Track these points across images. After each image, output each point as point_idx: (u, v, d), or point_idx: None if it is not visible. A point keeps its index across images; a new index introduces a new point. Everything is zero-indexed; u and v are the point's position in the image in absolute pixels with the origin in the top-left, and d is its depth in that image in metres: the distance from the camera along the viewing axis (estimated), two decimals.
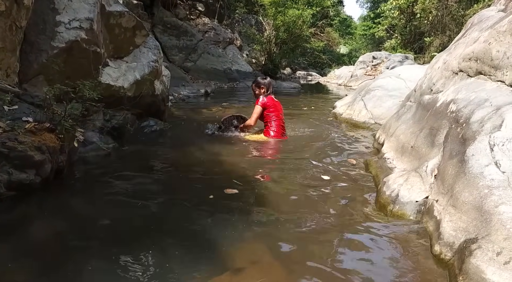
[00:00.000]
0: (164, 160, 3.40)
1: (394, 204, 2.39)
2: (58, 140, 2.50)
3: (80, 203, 2.33)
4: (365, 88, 6.24)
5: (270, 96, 4.60)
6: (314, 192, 2.73)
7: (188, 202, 2.42)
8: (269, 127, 4.47)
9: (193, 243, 1.88)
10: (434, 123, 2.85)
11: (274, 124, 4.47)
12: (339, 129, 5.20)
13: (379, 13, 30.63)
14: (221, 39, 13.68)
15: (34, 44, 3.26)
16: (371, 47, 35.02)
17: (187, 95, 8.37)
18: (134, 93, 4.24)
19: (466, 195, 1.94)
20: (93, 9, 3.50)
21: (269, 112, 4.52)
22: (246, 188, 2.73)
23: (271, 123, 4.48)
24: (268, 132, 4.46)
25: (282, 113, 4.62)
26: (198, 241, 1.90)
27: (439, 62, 3.78)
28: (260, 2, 15.55)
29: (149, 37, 4.48)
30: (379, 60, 16.98)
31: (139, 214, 2.20)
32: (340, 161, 3.58)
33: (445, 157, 2.37)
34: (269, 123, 4.49)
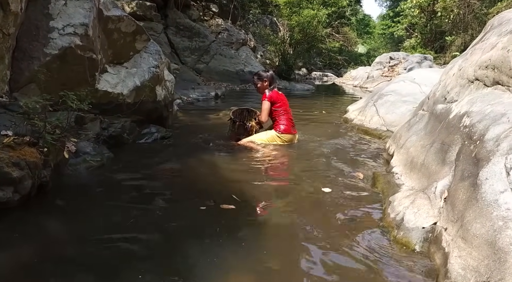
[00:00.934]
0: (160, 172, 3.25)
1: (399, 229, 2.18)
2: (40, 154, 2.36)
3: (58, 224, 2.19)
4: (378, 92, 5.98)
5: (274, 90, 4.51)
6: (312, 210, 2.53)
7: (178, 221, 2.26)
8: (278, 122, 4.40)
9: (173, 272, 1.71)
10: (446, 137, 2.62)
11: (283, 118, 4.42)
12: (349, 137, 4.96)
13: (398, 12, 30.16)
14: (234, 40, 13.53)
15: (26, 51, 3.15)
16: (390, 47, 34.51)
17: (196, 99, 8.24)
18: (134, 99, 4.11)
19: (477, 227, 1.71)
20: (88, 14, 3.37)
21: (276, 107, 4.45)
22: (243, 203, 2.56)
23: (280, 117, 4.42)
24: (278, 127, 4.38)
25: (288, 106, 4.59)
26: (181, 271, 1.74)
27: (454, 68, 3.52)
28: (274, 2, 15.34)
29: (150, 42, 4.35)
30: (396, 61, 16.54)
31: (122, 236, 2.04)
32: (346, 173, 3.37)
33: (456, 178, 2.14)
34: (278, 118, 4.43)
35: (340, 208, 2.59)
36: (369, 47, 40.00)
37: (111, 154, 3.44)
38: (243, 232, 2.19)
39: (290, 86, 13.45)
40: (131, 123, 4.06)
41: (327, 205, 2.64)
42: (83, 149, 3.21)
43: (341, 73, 23.03)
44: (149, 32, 11.65)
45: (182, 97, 7.63)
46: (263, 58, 15.55)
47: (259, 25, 16.45)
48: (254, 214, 2.46)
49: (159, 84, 4.46)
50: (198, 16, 13.76)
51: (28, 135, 2.32)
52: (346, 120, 6.11)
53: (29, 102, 2.20)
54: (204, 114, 6.32)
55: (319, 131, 5.28)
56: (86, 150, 3.23)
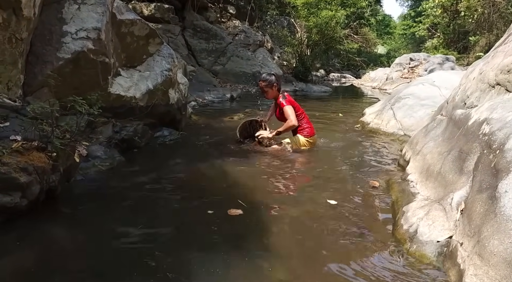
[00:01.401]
0: (169, 176, 3.23)
1: (412, 242, 2.08)
2: (49, 159, 2.36)
3: (64, 230, 2.19)
4: (395, 95, 5.83)
5: (286, 94, 4.40)
6: (320, 219, 2.45)
7: (184, 228, 2.23)
8: (302, 126, 4.30)
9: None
10: (464, 145, 2.50)
11: (304, 121, 4.33)
12: (364, 141, 4.85)
13: (420, 12, 29.67)
14: (251, 42, 13.48)
15: (40, 56, 3.18)
16: (411, 47, 33.96)
17: (212, 100, 8.24)
18: (146, 103, 4.12)
19: (495, 243, 1.61)
20: (101, 18, 3.38)
21: (296, 111, 4.30)
22: (250, 210, 2.50)
23: (302, 122, 4.32)
24: (304, 131, 4.29)
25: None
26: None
27: (475, 71, 3.39)
28: (292, 3, 15.24)
29: (163, 45, 4.34)
30: (417, 62, 16.21)
31: (127, 243, 2.02)
32: (359, 181, 3.27)
33: (474, 189, 2.04)
34: (300, 123, 4.30)
35: (351, 218, 2.51)
36: (390, 48, 39.45)
37: (122, 157, 3.44)
38: (247, 242, 2.12)
39: (307, 88, 13.34)
40: (143, 127, 4.06)
41: (336, 214, 2.56)
42: (94, 153, 3.21)
43: (359, 74, 22.73)
44: (166, 34, 11.80)
45: (197, 99, 7.63)
46: (280, 60, 15.47)
47: (277, 27, 16.37)
48: (260, 222, 2.39)
49: (172, 87, 4.45)
50: (216, 18, 13.78)
51: (37, 140, 2.32)
52: (362, 124, 5.98)
53: (35, 107, 2.20)
54: (218, 117, 6.30)
55: (333, 135, 5.18)
56: (97, 153, 3.24)
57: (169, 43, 11.44)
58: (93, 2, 3.40)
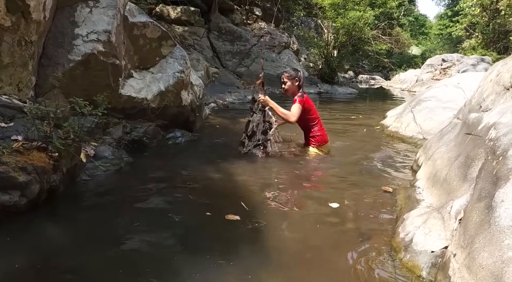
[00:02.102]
0: (175, 177, 3.23)
1: (406, 251, 1.99)
2: (49, 159, 2.42)
3: (62, 230, 2.22)
4: (417, 98, 5.64)
5: (306, 95, 4.09)
6: (321, 226, 2.39)
7: (181, 231, 2.22)
8: (314, 133, 4.09)
9: None
10: (471, 150, 2.38)
11: (317, 129, 4.10)
12: (381, 145, 4.72)
13: (457, 11, 28.74)
14: (277, 44, 13.44)
15: (52, 58, 3.28)
16: (447, 48, 32.97)
17: (232, 102, 8.26)
18: (158, 104, 4.17)
19: (485, 256, 1.52)
20: (111, 21, 3.45)
21: (311, 115, 4.08)
22: (249, 214, 2.47)
23: (314, 128, 4.09)
24: (315, 140, 4.09)
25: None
26: None
27: (492, 73, 3.23)
28: (319, 4, 15.09)
29: (176, 47, 4.39)
30: (449, 63, 15.64)
31: (122, 246, 2.03)
32: (368, 185, 3.17)
33: (474, 198, 1.93)
34: (312, 129, 4.10)
35: (352, 225, 2.43)
36: (425, 49, 38.35)
37: (130, 158, 3.49)
38: (243, 247, 2.09)
39: (332, 90, 13.16)
40: (154, 128, 4.11)
41: (338, 220, 2.49)
42: (102, 153, 3.27)
43: (389, 76, 22.20)
44: (192, 37, 11.94)
45: (217, 101, 7.67)
46: (306, 62, 15.35)
47: (303, 28, 16.26)
48: (257, 227, 2.36)
49: (184, 89, 4.48)
50: (241, 20, 13.84)
51: (38, 140, 2.38)
52: (381, 127, 5.82)
53: (33, 108, 2.26)
54: (236, 118, 6.29)
55: (351, 138, 5.08)
56: (104, 154, 3.29)
57: (195, 45, 11.60)
58: (104, 5, 3.48)
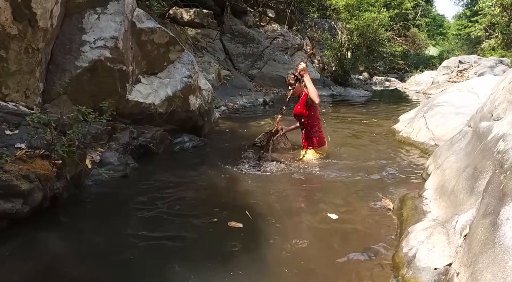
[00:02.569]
0: (180, 183, 3.22)
1: (409, 267, 1.93)
2: (52, 166, 2.44)
3: (63, 238, 2.23)
4: (429, 103, 5.52)
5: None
6: (323, 238, 2.35)
7: (182, 239, 2.22)
8: (312, 135, 4.05)
9: None
10: (479, 162, 2.30)
11: (316, 129, 4.09)
12: (390, 151, 4.62)
13: (476, 11, 28.18)
14: (289, 46, 13.38)
15: (60, 64, 3.32)
16: (466, 48, 32.43)
17: (243, 105, 8.23)
18: (166, 109, 4.18)
19: (487, 277, 1.46)
20: (119, 27, 3.47)
21: (315, 115, 4.06)
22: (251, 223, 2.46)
23: (314, 129, 4.06)
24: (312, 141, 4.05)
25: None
26: None
27: (505, 80, 3.13)
28: (333, 6, 14.96)
29: (184, 52, 4.39)
30: (466, 65, 15.32)
31: (122, 255, 2.03)
32: (373, 194, 3.11)
33: (480, 213, 1.86)
34: (312, 129, 4.06)
35: (354, 237, 2.39)
36: (442, 49, 37.69)
37: (135, 164, 3.50)
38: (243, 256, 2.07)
39: (345, 92, 13.02)
40: (162, 133, 4.12)
41: (340, 232, 2.45)
42: (107, 159, 3.28)
43: (404, 78, 21.89)
44: (205, 39, 11.96)
45: (228, 104, 7.66)
46: (320, 64, 15.23)
47: (317, 30, 16.14)
48: (259, 237, 2.33)
49: (192, 94, 4.48)
50: (254, 22, 13.81)
51: (41, 148, 2.40)
52: (393, 132, 5.72)
53: (34, 117, 2.28)
54: (246, 122, 6.27)
55: (360, 144, 5.00)
56: (110, 160, 3.31)
57: (207, 48, 11.63)
58: (112, 12, 3.50)
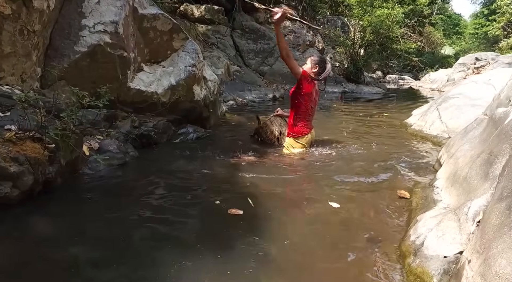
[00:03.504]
0: (180, 173, 3.12)
1: (416, 256, 1.78)
2: (44, 150, 2.35)
3: (53, 224, 2.12)
4: (443, 95, 5.32)
5: (314, 84, 3.86)
6: (328, 227, 2.22)
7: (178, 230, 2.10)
8: (295, 122, 3.85)
9: None
10: (494, 147, 2.13)
11: (299, 118, 3.84)
12: (403, 143, 4.45)
13: (494, 9, 27.62)
14: (301, 42, 13.21)
15: (58, 49, 3.24)
16: (483, 48, 31.89)
17: (252, 100, 8.11)
18: (169, 99, 4.08)
19: (502, 263, 1.30)
20: (119, 12, 3.39)
21: (303, 99, 3.80)
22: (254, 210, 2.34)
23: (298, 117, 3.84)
24: (291, 129, 3.88)
25: (315, 105, 3.97)
26: None
27: None
28: (346, 2, 14.74)
29: (188, 40, 4.29)
30: (483, 62, 14.92)
31: (109, 244, 1.92)
32: (385, 185, 2.95)
33: (495, 198, 1.70)
34: (296, 116, 3.85)
35: (361, 227, 2.23)
36: (459, 49, 37.07)
37: (136, 152, 3.41)
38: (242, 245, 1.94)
39: (358, 89, 12.81)
40: (165, 123, 4.02)
41: (346, 222, 2.30)
42: (106, 147, 3.19)
43: (418, 76, 21.49)
44: (215, 35, 11.89)
45: (237, 99, 7.55)
46: (332, 61, 15.01)
47: (330, 27, 15.94)
48: (259, 224, 2.20)
49: (197, 83, 4.38)
50: (265, 19, 13.68)
51: (31, 129, 2.32)
52: (405, 126, 5.53)
53: (22, 96, 2.19)
54: (253, 117, 6.14)
55: (371, 136, 4.83)
56: (109, 148, 3.21)
57: (217, 44, 11.55)
58: None
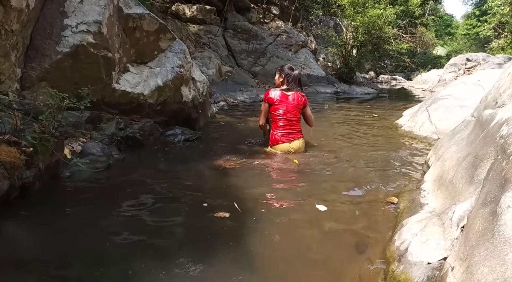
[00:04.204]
0: (166, 176, 3.05)
1: (400, 262, 1.74)
2: (20, 154, 2.28)
3: (29, 231, 2.05)
4: (433, 96, 5.31)
5: (282, 91, 3.83)
6: (312, 232, 2.17)
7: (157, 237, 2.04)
8: (272, 131, 3.83)
9: None
10: (480, 149, 2.11)
11: (276, 125, 3.79)
12: (392, 145, 4.42)
13: (485, 10, 27.83)
14: (293, 43, 13.17)
15: (39, 49, 3.17)
16: (474, 48, 32.15)
17: (243, 101, 8.06)
18: (156, 100, 4.02)
19: (485, 271, 1.27)
20: (103, 11, 3.32)
21: (273, 109, 3.79)
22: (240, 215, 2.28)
23: (274, 125, 3.81)
24: (270, 138, 3.85)
25: (292, 111, 3.79)
26: None
27: (511, 67, 2.93)
28: (338, 2, 14.73)
29: (176, 41, 4.23)
30: (474, 63, 15.00)
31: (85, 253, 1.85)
32: (373, 189, 2.91)
33: (479, 202, 1.67)
34: (272, 125, 3.86)
35: (345, 231, 2.20)
36: (450, 49, 37.32)
37: (120, 155, 3.34)
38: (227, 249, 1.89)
39: (350, 89, 12.81)
40: (152, 125, 3.95)
41: (332, 226, 2.26)
42: (89, 150, 3.12)
43: (411, 76, 21.58)
44: (207, 35, 11.82)
45: (228, 99, 7.49)
46: (325, 61, 15.01)
47: (322, 27, 15.91)
48: (244, 228, 2.15)
49: (185, 84, 4.32)
50: (258, 19, 13.64)
51: (6, 133, 2.25)
52: (395, 126, 5.51)
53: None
54: (244, 117, 6.10)
55: (360, 137, 4.80)
56: (92, 150, 3.14)
57: (209, 44, 11.48)
58: None
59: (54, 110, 2.41)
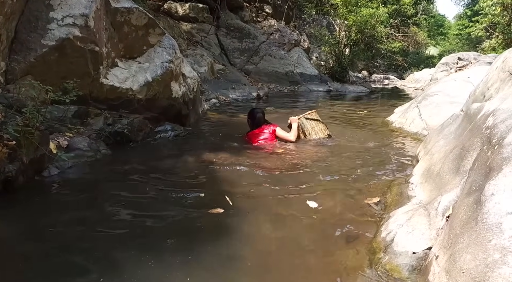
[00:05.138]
0: (154, 171, 2.99)
1: (385, 252, 1.73)
2: (2, 147, 2.24)
3: (5, 227, 2.01)
4: (424, 93, 5.32)
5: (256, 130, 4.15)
6: (302, 225, 2.16)
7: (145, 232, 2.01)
8: None
9: None
10: (467, 141, 2.10)
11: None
12: (383, 141, 4.41)
13: (477, 11, 27.98)
14: (286, 41, 13.16)
15: (25, 43, 3.12)
16: (466, 48, 32.34)
17: (236, 99, 8.02)
18: (145, 95, 3.97)
19: (467, 258, 1.26)
20: (89, 5, 3.28)
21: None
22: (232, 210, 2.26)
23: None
24: None
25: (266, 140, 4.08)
26: None
27: (499, 60, 2.95)
28: (331, 1, 14.74)
29: (165, 36, 4.19)
30: (465, 62, 15.06)
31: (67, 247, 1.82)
32: (362, 183, 2.90)
33: (464, 192, 1.66)
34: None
35: (338, 225, 2.16)
36: (443, 49, 37.55)
37: (108, 151, 3.30)
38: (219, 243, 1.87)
39: (342, 88, 12.82)
40: (141, 120, 3.91)
41: (323, 221, 2.23)
42: (76, 145, 3.08)
43: (403, 75, 21.67)
44: (200, 34, 11.76)
45: (220, 97, 7.46)
46: (318, 60, 15.02)
47: (315, 26, 15.92)
48: (236, 224, 2.13)
49: (175, 80, 4.28)
50: (251, 17, 13.61)
51: None
52: (386, 123, 5.51)
53: None
54: (235, 115, 6.07)
55: (351, 134, 4.78)
56: (79, 145, 3.10)
57: (202, 42, 11.44)
58: None
59: (38, 103, 2.37)
